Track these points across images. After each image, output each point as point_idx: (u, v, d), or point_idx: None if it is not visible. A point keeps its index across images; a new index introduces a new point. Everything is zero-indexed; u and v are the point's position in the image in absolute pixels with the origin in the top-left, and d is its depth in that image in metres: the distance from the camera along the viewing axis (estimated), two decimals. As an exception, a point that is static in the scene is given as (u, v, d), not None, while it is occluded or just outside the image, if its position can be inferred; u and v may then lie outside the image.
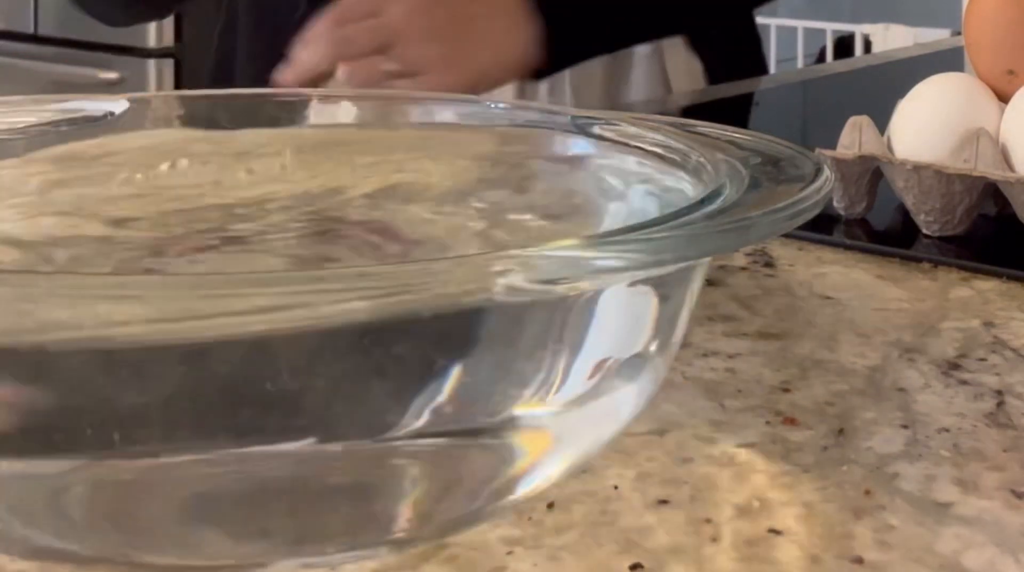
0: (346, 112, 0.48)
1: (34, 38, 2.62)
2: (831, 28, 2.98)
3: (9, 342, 0.26)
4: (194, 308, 0.24)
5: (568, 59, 0.96)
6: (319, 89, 0.83)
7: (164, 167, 0.44)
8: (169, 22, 2.49)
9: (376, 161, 0.46)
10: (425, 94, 0.48)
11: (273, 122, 0.46)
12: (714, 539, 0.33)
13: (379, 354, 0.28)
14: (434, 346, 0.28)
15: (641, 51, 1.03)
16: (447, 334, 0.28)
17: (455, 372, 0.28)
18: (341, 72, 0.87)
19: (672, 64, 1.05)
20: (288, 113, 0.47)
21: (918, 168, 0.60)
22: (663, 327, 0.33)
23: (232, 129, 0.45)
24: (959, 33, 1.01)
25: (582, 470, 0.35)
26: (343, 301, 0.25)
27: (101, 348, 0.26)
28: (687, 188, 0.37)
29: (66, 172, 0.42)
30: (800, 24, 2.98)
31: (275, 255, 0.41)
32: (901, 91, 0.66)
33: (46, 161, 0.43)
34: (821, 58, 2.88)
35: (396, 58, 0.88)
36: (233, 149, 0.45)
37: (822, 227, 0.62)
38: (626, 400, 0.33)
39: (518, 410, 0.30)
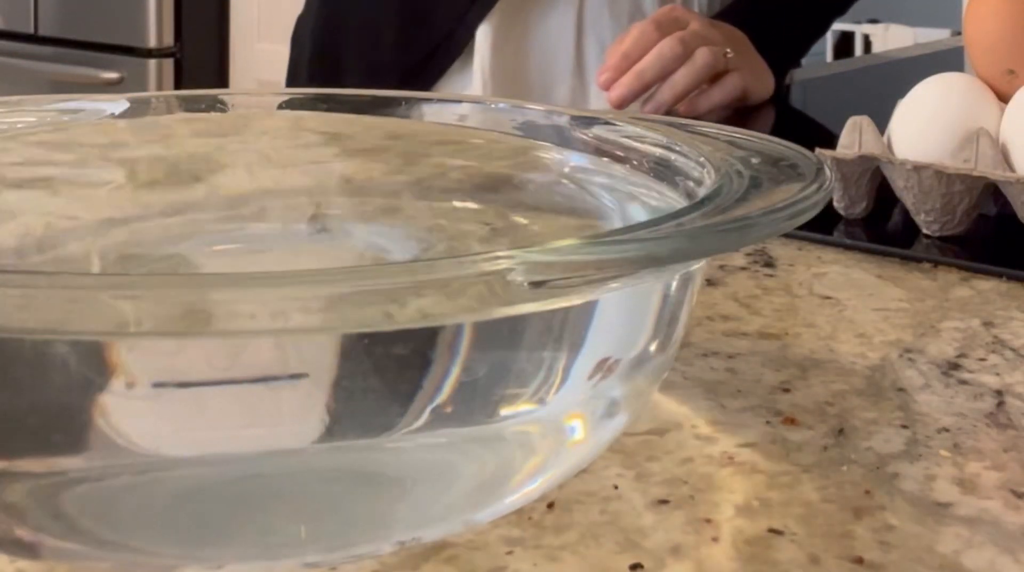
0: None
1: (34, 38, 2.62)
2: (831, 28, 2.98)
3: (12, 341, 0.26)
4: (196, 307, 0.24)
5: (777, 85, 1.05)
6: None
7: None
8: (169, 22, 2.49)
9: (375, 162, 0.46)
10: (427, 94, 0.48)
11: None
12: (714, 539, 0.33)
13: (379, 354, 0.28)
14: (434, 346, 0.28)
15: None
16: (447, 334, 0.28)
17: (455, 372, 0.28)
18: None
19: None
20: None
21: (918, 168, 0.60)
22: (663, 327, 0.33)
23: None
24: (959, 33, 1.01)
25: (582, 470, 0.35)
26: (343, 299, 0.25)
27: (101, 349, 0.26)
28: (686, 188, 0.37)
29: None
30: (800, 24, 2.97)
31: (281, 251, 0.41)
32: (901, 91, 0.66)
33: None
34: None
35: (723, 55, 0.94)
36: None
37: (822, 227, 0.62)
38: (626, 400, 0.33)
39: (518, 410, 0.30)
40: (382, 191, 0.44)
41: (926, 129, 0.62)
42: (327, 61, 1.09)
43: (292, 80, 1.13)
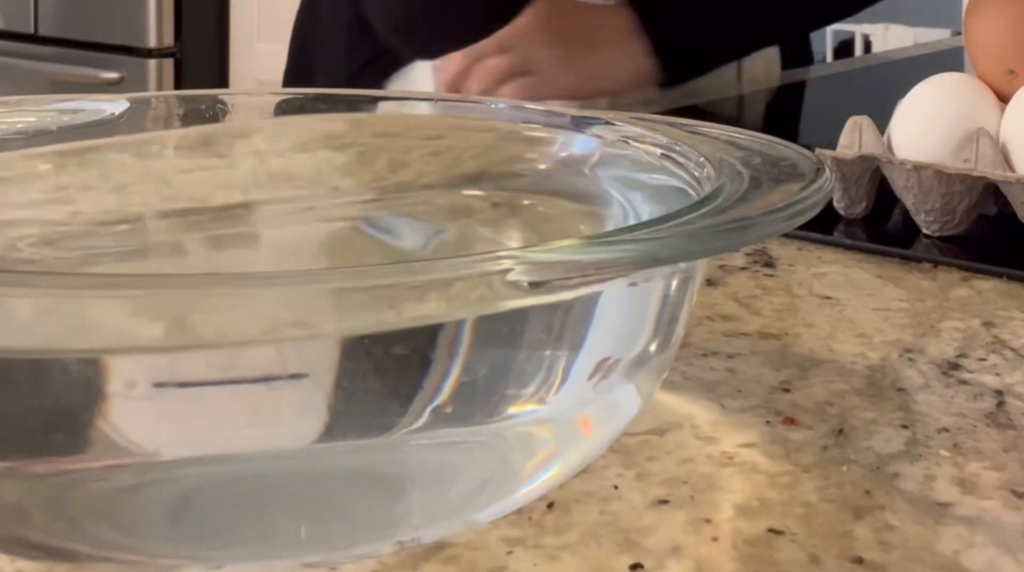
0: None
1: (34, 38, 2.62)
2: (831, 28, 2.98)
3: (9, 345, 0.26)
4: (193, 306, 0.24)
5: (686, 72, 1.01)
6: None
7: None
8: (169, 22, 2.49)
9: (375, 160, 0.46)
10: (428, 94, 0.48)
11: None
12: (714, 539, 0.33)
13: (379, 354, 0.28)
14: (434, 346, 0.28)
15: None
16: (447, 334, 0.28)
17: (455, 372, 0.28)
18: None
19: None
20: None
21: (918, 168, 0.60)
22: (663, 327, 0.33)
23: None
24: (959, 33, 1.01)
25: (582, 470, 0.35)
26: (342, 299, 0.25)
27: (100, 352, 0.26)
28: (687, 188, 0.37)
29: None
30: (800, 24, 2.96)
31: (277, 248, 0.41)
32: (901, 91, 0.66)
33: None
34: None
35: (514, 56, 0.93)
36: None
37: (822, 227, 0.62)
38: (626, 400, 0.33)
39: (518, 410, 0.30)
40: (383, 183, 0.44)
41: (926, 129, 0.62)
42: (302, 61, 1.10)
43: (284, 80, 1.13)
